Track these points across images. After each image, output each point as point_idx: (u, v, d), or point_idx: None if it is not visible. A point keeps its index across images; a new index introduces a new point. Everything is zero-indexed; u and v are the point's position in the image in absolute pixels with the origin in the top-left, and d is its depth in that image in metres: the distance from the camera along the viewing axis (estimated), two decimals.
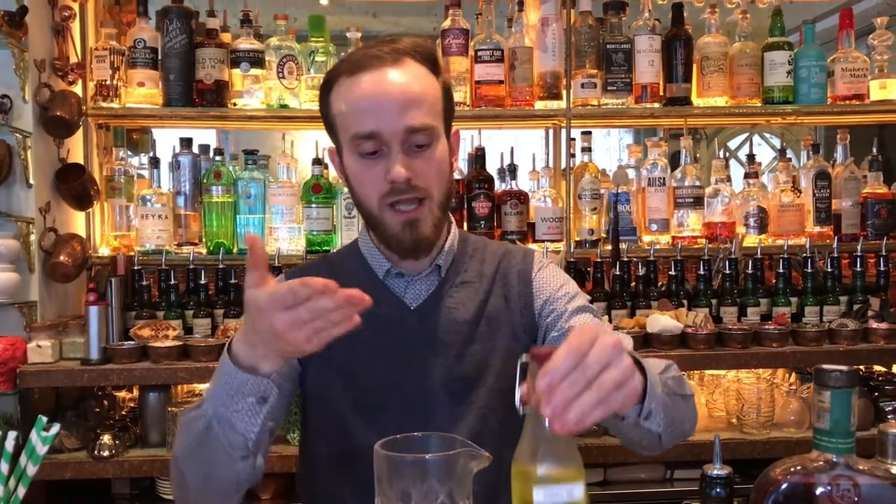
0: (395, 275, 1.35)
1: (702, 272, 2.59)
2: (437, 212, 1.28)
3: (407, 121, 1.22)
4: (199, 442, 1.13)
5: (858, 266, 2.62)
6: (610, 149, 4.63)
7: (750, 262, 2.62)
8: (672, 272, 2.60)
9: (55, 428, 1.02)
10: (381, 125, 1.22)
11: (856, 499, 0.88)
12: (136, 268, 2.54)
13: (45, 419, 1.01)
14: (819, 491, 0.89)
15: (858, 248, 2.63)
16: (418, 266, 1.35)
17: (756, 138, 4.21)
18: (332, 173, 2.83)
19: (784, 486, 0.92)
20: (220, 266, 2.57)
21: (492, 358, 1.34)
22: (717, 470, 1.00)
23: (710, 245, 2.65)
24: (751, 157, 2.93)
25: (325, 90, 1.31)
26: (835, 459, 0.90)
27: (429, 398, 1.31)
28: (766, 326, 2.45)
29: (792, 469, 0.93)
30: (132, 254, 2.58)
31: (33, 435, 1.01)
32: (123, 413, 2.51)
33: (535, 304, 1.38)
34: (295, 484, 2.34)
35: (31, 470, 0.99)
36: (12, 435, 0.95)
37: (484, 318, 1.36)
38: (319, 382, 1.34)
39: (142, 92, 2.60)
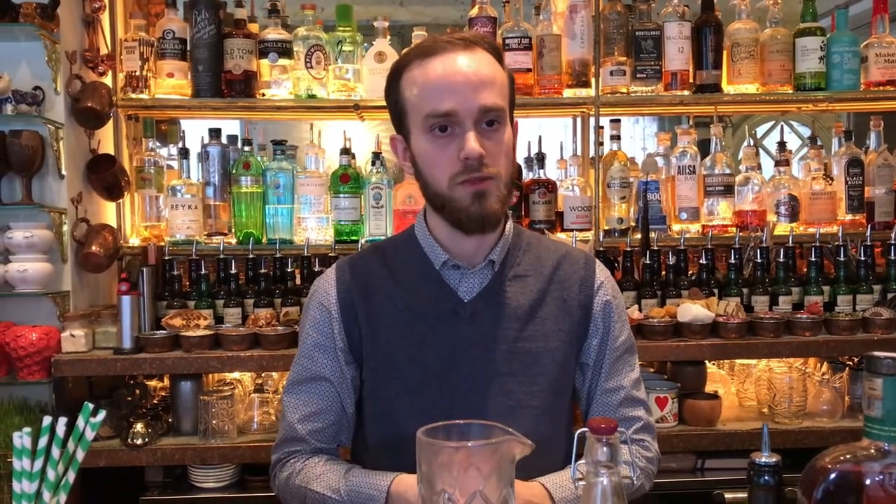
0: (452, 267, 1.36)
1: (733, 261, 2.57)
2: (503, 189, 1.29)
3: (481, 100, 1.25)
4: None
5: (892, 254, 2.58)
6: (634, 137, 4.60)
7: (781, 250, 2.59)
8: (703, 261, 2.58)
9: (101, 414, 1.03)
10: (457, 104, 1.24)
11: None
12: (166, 258, 2.56)
13: (91, 406, 1.02)
14: (870, 480, 0.88)
15: (892, 236, 2.59)
16: (474, 259, 1.36)
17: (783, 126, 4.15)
18: (360, 163, 2.84)
19: (834, 474, 0.90)
20: (250, 256, 2.58)
21: (543, 357, 1.36)
22: (766, 458, 0.99)
23: (740, 233, 2.63)
24: (781, 144, 2.89)
25: (394, 78, 1.33)
26: (886, 448, 0.88)
27: (478, 392, 1.32)
28: (799, 315, 2.42)
29: (842, 458, 0.91)
30: (163, 244, 2.60)
31: (80, 421, 1.02)
32: (155, 402, 2.53)
33: (594, 314, 1.41)
34: None
35: (80, 455, 1.00)
36: (62, 421, 0.96)
37: (538, 317, 1.37)
38: (374, 372, 1.37)
39: (171, 83, 2.62)
